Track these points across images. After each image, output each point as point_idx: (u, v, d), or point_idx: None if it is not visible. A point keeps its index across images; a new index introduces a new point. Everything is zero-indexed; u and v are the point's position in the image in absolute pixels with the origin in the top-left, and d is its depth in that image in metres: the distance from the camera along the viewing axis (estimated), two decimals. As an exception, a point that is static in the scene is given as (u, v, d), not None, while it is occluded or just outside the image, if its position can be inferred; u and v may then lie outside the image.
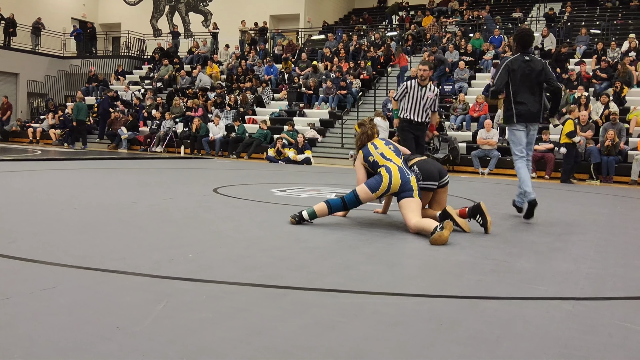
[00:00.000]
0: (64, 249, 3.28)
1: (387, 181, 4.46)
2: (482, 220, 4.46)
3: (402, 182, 4.46)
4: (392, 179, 4.46)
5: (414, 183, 4.49)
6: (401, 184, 4.46)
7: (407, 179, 4.48)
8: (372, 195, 4.53)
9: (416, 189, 4.48)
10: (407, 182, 4.47)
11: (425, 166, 4.72)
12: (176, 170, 10.44)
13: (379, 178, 4.52)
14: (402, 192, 4.48)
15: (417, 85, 6.80)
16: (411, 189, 4.46)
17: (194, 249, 3.39)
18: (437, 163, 4.95)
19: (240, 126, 16.70)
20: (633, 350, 2.03)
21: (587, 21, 20.57)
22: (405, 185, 4.46)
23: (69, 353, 1.79)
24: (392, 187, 4.47)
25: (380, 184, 4.48)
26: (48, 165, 10.29)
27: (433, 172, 4.70)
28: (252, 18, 24.34)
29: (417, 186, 4.50)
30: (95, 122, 19.84)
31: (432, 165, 4.78)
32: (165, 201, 5.69)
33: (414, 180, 4.52)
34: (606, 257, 3.71)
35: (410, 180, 4.49)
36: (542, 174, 12.56)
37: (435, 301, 2.56)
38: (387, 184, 4.46)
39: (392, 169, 4.52)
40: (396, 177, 4.46)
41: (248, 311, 2.27)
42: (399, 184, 4.46)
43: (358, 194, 4.55)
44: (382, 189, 4.48)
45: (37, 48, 24.76)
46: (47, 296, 2.35)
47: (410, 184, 4.47)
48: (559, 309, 2.51)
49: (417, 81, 6.84)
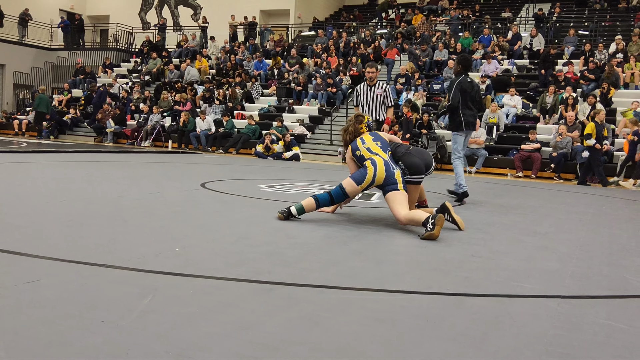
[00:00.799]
0: (49, 242, 3.25)
1: (371, 173, 4.53)
2: (450, 219, 4.49)
3: (387, 175, 4.53)
4: (377, 171, 4.52)
5: (398, 177, 4.55)
6: (386, 176, 4.53)
7: (392, 172, 4.54)
8: (358, 187, 4.59)
9: (400, 182, 4.54)
10: (392, 176, 4.53)
11: (410, 160, 4.73)
12: (163, 165, 10.38)
13: (364, 171, 4.60)
14: (387, 185, 4.54)
15: (366, 86, 7.30)
16: (396, 182, 4.52)
17: (181, 244, 3.37)
18: (423, 152, 4.93)
19: (229, 121, 16.63)
20: (617, 348, 2.05)
21: (575, 22, 20.72)
22: (390, 179, 4.52)
23: (54, 347, 1.77)
24: (376, 179, 4.53)
25: (365, 176, 4.55)
26: (33, 157, 10.18)
27: (419, 166, 4.72)
28: (242, 12, 24.25)
29: (401, 179, 4.56)
30: (82, 115, 19.68)
31: (418, 157, 4.79)
32: (152, 195, 5.65)
33: (399, 175, 4.57)
34: (591, 256, 3.75)
35: (395, 174, 4.54)
36: (529, 173, 12.66)
37: (422, 298, 2.57)
38: (371, 176, 4.53)
39: (377, 162, 4.58)
40: (381, 169, 4.53)
41: (235, 306, 2.26)
42: (383, 177, 4.53)
43: (344, 187, 4.61)
44: (367, 180, 4.54)
45: (23, 39, 24.48)
46: (32, 289, 2.33)
47: (395, 178, 4.53)
48: (545, 306, 2.53)
49: (366, 83, 7.30)
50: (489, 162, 13.44)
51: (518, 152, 12.99)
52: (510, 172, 12.99)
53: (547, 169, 12.54)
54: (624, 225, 5.49)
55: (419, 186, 4.82)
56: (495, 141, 14.09)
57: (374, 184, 4.58)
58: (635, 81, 15.14)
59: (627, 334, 2.21)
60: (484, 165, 13.41)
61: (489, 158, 13.43)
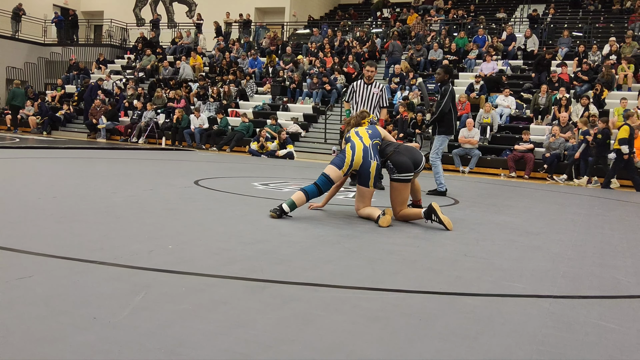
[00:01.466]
0: (41, 238, 3.23)
1: (349, 157, 4.64)
2: (437, 219, 4.51)
3: (364, 162, 4.63)
4: (355, 155, 4.64)
5: (373, 169, 4.64)
6: (362, 162, 4.63)
7: (369, 162, 4.64)
8: (339, 172, 4.69)
9: (374, 175, 4.66)
10: (367, 166, 4.63)
11: (398, 159, 4.75)
12: (157, 162, 10.35)
13: (343, 155, 4.71)
14: (360, 176, 4.69)
15: (363, 83, 7.28)
16: (368, 175, 4.65)
17: (174, 241, 3.37)
18: (412, 150, 4.94)
19: (223, 119, 16.59)
20: (608, 348, 2.06)
21: (569, 23, 20.79)
22: (364, 169, 4.63)
23: (45, 343, 1.76)
24: (354, 163, 4.64)
25: (344, 160, 4.66)
26: (26, 153, 10.13)
27: (407, 164, 4.75)
28: (237, 10, 24.19)
29: (374, 174, 4.67)
30: (75, 111, 19.59)
31: (407, 155, 4.81)
32: (145, 192, 5.63)
33: (374, 167, 4.65)
34: (583, 257, 3.76)
35: (371, 165, 4.63)
36: (522, 174, 12.70)
37: (415, 297, 2.58)
38: (349, 160, 4.64)
39: (357, 146, 4.69)
40: (359, 154, 4.64)
41: (228, 304, 2.26)
42: (360, 162, 4.63)
43: (327, 174, 4.70)
44: (346, 164, 4.65)
45: (17, 34, 24.34)
46: (24, 285, 2.32)
47: (369, 170, 4.63)
48: (537, 306, 2.54)
49: (363, 80, 7.23)
50: (483, 162, 13.48)
51: (511, 153, 13.03)
52: (503, 172, 13.03)
53: (540, 169, 12.58)
54: (615, 226, 5.52)
55: (408, 184, 4.83)
56: (489, 141, 14.13)
57: (352, 168, 4.68)
58: (628, 83, 15.21)
59: (618, 334, 2.22)
60: (477, 165, 13.45)
61: (482, 158, 13.47)
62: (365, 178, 4.68)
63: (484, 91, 15.61)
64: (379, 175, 4.84)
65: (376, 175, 4.71)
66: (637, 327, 2.33)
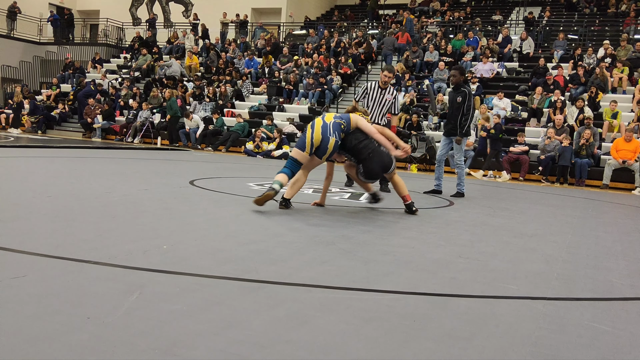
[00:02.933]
0: (35, 238, 3.22)
1: (309, 136, 4.75)
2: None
3: (322, 138, 4.72)
4: (314, 133, 4.74)
5: (331, 146, 4.74)
6: (322, 138, 4.72)
7: (327, 138, 4.73)
8: (303, 152, 4.78)
9: (329, 152, 4.78)
10: (326, 142, 4.73)
11: (369, 166, 4.90)
12: (152, 162, 10.33)
13: (303, 135, 4.82)
14: (318, 149, 4.79)
15: (377, 87, 7.16)
16: (325, 150, 4.76)
17: (169, 241, 3.36)
18: (383, 155, 5.03)
19: (219, 119, 16.57)
20: (601, 350, 2.07)
21: (565, 26, 20.87)
22: (324, 144, 4.73)
23: (39, 343, 1.76)
24: (314, 141, 4.73)
25: (304, 140, 4.76)
26: (21, 152, 10.09)
27: (375, 173, 4.98)
28: (233, 10, 24.17)
29: (331, 150, 4.78)
30: (70, 110, 19.53)
31: (378, 161, 4.95)
32: (140, 192, 5.62)
33: (332, 143, 4.75)
34: (577, 259, 3.78)
35: (329, 141, 4.73)
36: (517, 176, 12.73)
37: (409, 298, 2.58)
38: (309, 138, 4.73)
39: (316, 124, 4.80)
40: (317, 131, 4.75)
41: (222, 304, 2.26)
42: (320, 139, 4.72)
43: (294, 157, 4.80)
44: (307, 144, 4.75)
45: (12, 33, 24.24)
46: (18, 285, 2.31)
47: (327, 146, 4.73)
48: (530, 308, 2.55)
49: (378, 83, 7.14)
50: (478, 163, 13.50)
51: (506, 155, 13.06)
52: (498, 174, 13.05)
53: (535, 171, 12.61)
54: (609, 228, 5.54)
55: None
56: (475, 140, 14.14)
57: (314, 146, 4.77)
58: (623, 85, 15.28)
59: (611, 335, 2.23)
60: (472, 167, 13.46)
61: (478, 160, 13.49)
62: (322, 151, 4.80)
63: (480, 92, 15.65)
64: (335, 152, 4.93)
65: (332, 152, 4.82)
66: (630, 329, 2.34)
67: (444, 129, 7.79)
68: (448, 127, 7.59)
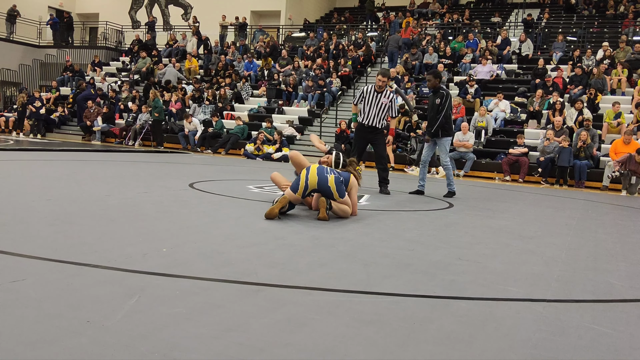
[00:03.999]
0: (34, 241, 3.22)
1: (303, 178, 4.78)
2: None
3: (319, 179, 4.76)
4: (309, 175, 4.77)
5: (332, 183, 4.76)
6: (319, 180, 4.76)
7: (325, 177, 4.77)
8: (295, 195, 4.80)
9: (335, 189, 4.78)
10: (325, 181, 4.76)
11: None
12: (151, 164, 10.33)
13: (298, 179, 4.85)
14: (323, 194, 4.80)
15: (373, 90, 7.21)
16: (329, 192, 4.78)
17: (168, 244, 3.36)
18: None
19: (218, 122, 16.58)
20: (601, 352, 2.07)
21: (564, 28, 20.90)
22: (323, 186, 4.76)
23: (39, 346, 1.76)
24: (309, 184, 4.76)
25: (298, 183, 4.78)
26: (20, 155, 10.09)
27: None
28: (233, 13, 24.19)
29: (335, 186, 4.78)
30: (70, 113, 19.53)
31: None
32: (140, 195, 5.62)
33: (332, 180, 4.78)
34: (577, 261, 3.78)
35: (328, 180, 4.77)
36: (516, 177, 12.74)
37: (409, 300, 2.58)
38: (304, 181, 4.76)
39: (311, 167, 4.86)
40: (312, 173, 4.78)
41: (221, 307, 2.26)
42: (316, 180, 4.76)
43: (287, 197, 4.81)
44: (300, 187, 4.76)
45: (11, 36, 24.26)
46: (17, 288, 2.31)
47: (328, 185, 4.76)
48: (530, 310, 2.55)
49: (374, 87, 7.18)
50: (477, 165, 13.51)
51: (506, 156, 13.07)
52: (497, 176, 13.06)
53: (535, 173, 12.62)
54: (609, 230, 5.54)
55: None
56: (484, 145, 14.17)
57: (309, 189, 4.79)
58: (622, 87, 15.29)
59: (611, 337, 2.23)
60: (472, 169, 13.47)
61: (477, 162, 13.50)
62: (327, 193, 4.80)
63: (479, 94, 15.67)
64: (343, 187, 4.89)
65: (338, 187, 4.80)
66: (630, 330, 2.33)
67: (426, 130, 8.01)
68: (429, 129, 7.76)
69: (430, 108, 7.72)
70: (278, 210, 4.64)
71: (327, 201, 4.78)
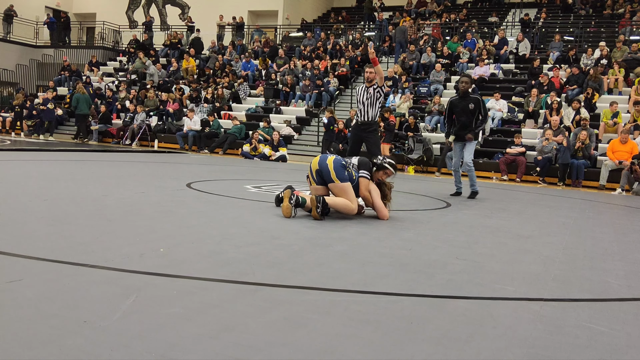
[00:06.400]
0: (31, 241, 3.21)
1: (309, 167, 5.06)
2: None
3: (320, 160, 4.95)
4: (312, 162, 5.06)
5: (330, 162, 4.88)
6: (319, 160, 4.95)
7: (325, 156, 4.98)
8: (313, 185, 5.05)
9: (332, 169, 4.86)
10: (324, 160, 4.92)
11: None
12: (149, 164, 10.32)
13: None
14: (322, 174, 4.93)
15: (364, 87, 7.41)
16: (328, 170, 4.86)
17: (165, 244, 3.35)
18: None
19: (215, 121, 16.56)
20: (598, 351, 2.07)
21: (561, 28, 20.93)
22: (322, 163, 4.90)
23: (35, 347, 1.75)
24: (312, 167, 5.03)
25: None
26: (17, 155, 10.07)
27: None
28: (230, 13, 24.18)
29: (333, 165, 4.87)
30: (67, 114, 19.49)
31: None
32: (137, 195, 5.61)
33: (332, 159, 4.91)
34: (574, 260, 3.78)
35: (327, 158, 4.94)
36: (514, 177, 12.75)
37: (406, 300, 2.58)
38: (309, 168, 5.06)
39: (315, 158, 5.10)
40: (315, 159, 5.03)
41: (219, 307, 2.25)
42: (317, 160, 4.98)
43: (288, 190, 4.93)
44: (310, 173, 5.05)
45: (8, 36, 24.22)
46: (14, 289, 2.30)
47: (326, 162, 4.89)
48: (527, 309, 2.55)
49: (364, 84, 7.35)
50: (475, 165, 13.49)
51: (503, 156, 13.08)
52: (495, 175, 13.07)
53: (533, 172, 12.64)
54: (606, 229, 5.55)
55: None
56: (481, 144, 14.17)
57: (313, 171, 5.00)
58: (619, 87, 15.32)
59: (608, 336, 2.23)
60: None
61: (475, 161, 13.49)
62: (326, 174, 4.89)
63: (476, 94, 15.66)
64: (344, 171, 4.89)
65: (337, 169, 4.85)
66: (627, 329, 2.34)
67: (455, 135, 7.83)
68: (463, 133, 7.71)
69: (460, 112, 7.68)
70: (288, 202, 4.72)
71: (318, 198, 4.71)
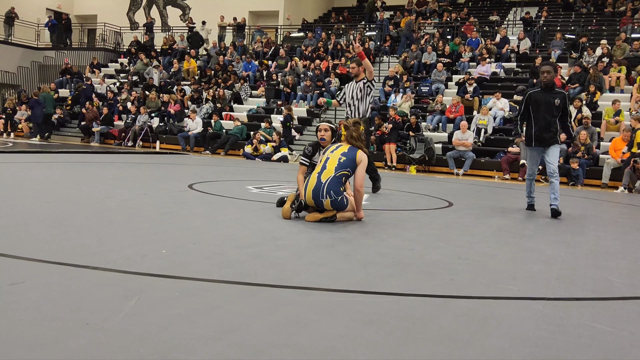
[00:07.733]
0: (33, 243, 3.21)
1: (302, 192, 4.73)
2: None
3: (315, 202, 4.62)
4: (306, 192, 4.67)
5: (328, 206, 4.60)
6: (314, 203, 4.63)
7: (321, 202, 4.61)
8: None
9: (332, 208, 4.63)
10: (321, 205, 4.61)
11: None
12: (151, 166, 10.32)
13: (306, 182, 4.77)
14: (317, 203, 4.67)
15: (353, 83, 7.47)
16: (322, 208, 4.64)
17: (167, 245, 3.36)
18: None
19: (217, 122, 16.58)
20: (601, 350, 2.06)
21: (562, 26, 20.90)
22: (321, 207, 4.63)
23: (38, 349, 1.75)
24: (307, 199, 4.67)
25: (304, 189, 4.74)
26: (19, 157, 10.08)
27: None
28: (231, 13, 24.19)
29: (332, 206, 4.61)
30: (69, 115, 19.52)
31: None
32: (139, 196, 5.62)
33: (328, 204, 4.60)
34: (576, 259, 3.78)
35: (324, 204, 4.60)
36: (516, 176, 12.73)
37: (408, 300, 2.57)
38: (303, 195, 4.72)
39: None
40: (309, 193, 4.64)
41: (221, 308, 2.25)
42: (312, 203, 4.65)
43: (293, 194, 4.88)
44: (300, 194, 4.77)
45: (9, 38, 24.25)
46: (16, 291, 2.30)
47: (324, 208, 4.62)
48: (530, 308, 2.54)
49: (354, 80, 7.33)
50: (477, 164, 13.51)
51: (505, 155, 13.06)
52: (497, 174, 13.06)
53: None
54: (608, 228, 5.54)
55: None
56: (483, 144, 14.17)
57: (308, 205, 4.71)
58: (621, 85, 15.29)
59: (611, 335, 2.23)
60: (472, 168, 13.47)
61: (477, 160, 13.50)
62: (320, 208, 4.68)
63: (477, 93, 15.67)
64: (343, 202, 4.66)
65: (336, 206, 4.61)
66: (630, 328, 2.33)
67: (537, 137, 6.17)
68: (547, 135, 6.13)
69: (541, 109, 6.11)
70: (290, 206, 4.66)
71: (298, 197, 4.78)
